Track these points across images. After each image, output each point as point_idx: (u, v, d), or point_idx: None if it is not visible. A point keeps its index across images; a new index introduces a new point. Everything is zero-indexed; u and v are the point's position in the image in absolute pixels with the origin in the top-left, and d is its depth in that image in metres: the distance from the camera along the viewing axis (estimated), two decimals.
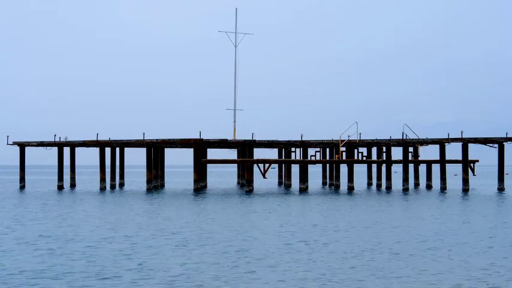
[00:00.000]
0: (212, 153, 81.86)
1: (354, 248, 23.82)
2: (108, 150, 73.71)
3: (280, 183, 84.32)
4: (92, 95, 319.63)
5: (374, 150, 77.65)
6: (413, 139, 67.97)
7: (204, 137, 64.77)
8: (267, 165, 63.69)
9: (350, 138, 67.33)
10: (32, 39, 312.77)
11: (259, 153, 79.29)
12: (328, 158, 76.50)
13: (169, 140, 66.34)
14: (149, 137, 68.09)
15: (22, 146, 72.90)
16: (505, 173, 66.92)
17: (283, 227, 31.22)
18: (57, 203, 50.28)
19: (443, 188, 67.65)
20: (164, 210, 41.72)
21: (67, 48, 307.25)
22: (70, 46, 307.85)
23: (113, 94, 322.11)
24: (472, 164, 73.21)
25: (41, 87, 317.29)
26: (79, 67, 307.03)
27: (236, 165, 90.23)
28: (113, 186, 73.62)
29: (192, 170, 71.66)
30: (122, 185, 79.23)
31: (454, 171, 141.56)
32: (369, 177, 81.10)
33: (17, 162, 74.21)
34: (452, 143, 66.54)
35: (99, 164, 71.74)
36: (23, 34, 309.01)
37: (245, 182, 66.16)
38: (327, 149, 77.71)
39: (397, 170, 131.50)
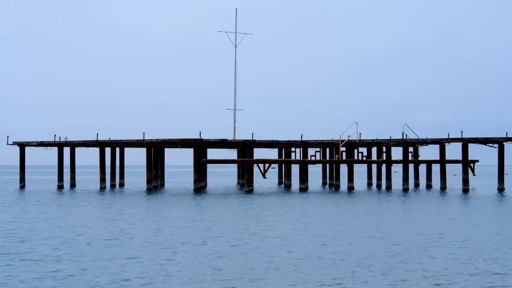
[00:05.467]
0: (212, 153, 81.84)
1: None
2: (108, 150, 73.71)
3: (280, 183, 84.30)
4: (92, 96, 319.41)
5: (374, 150, 77.59)
6: (413, 139, 67.94)
7: (204, 137, 64.82)
8: (267, 165, 63.67)
9: (350, 138, 67.31)
10: (33, 41, 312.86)
11: (259, 153, 79.24)
12: (328, 158, 76.45)
13: (169, 140, 66.30)
14: (149, 137, 68.13)
15: (22, 146, 72.88)
16: (505, 173, 66.85)
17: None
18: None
19: (443, 188, 67.61)
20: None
21: (67, 49, 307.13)
22: (70, 47, 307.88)
23: (113, 94, 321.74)
24: (472, 164, 73.15)
25: (41, 88, 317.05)
26: (79, 68, 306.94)
27: (236, 165, 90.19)
28: (112, 186, 73.62)
29: (192, 170, 71.59)
30: (121, 185, 79.19)
31: (454, 171, 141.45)
32: (369, 177, 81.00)
33: (17, 162, 74.22)
34: (452, 143, 66.52)
35: (99, 164, 71.73)
36: (23, 35, 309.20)
37: (245, 182, 66.15)
38: (327, 149, 77.66)
39: (397, 170, 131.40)
